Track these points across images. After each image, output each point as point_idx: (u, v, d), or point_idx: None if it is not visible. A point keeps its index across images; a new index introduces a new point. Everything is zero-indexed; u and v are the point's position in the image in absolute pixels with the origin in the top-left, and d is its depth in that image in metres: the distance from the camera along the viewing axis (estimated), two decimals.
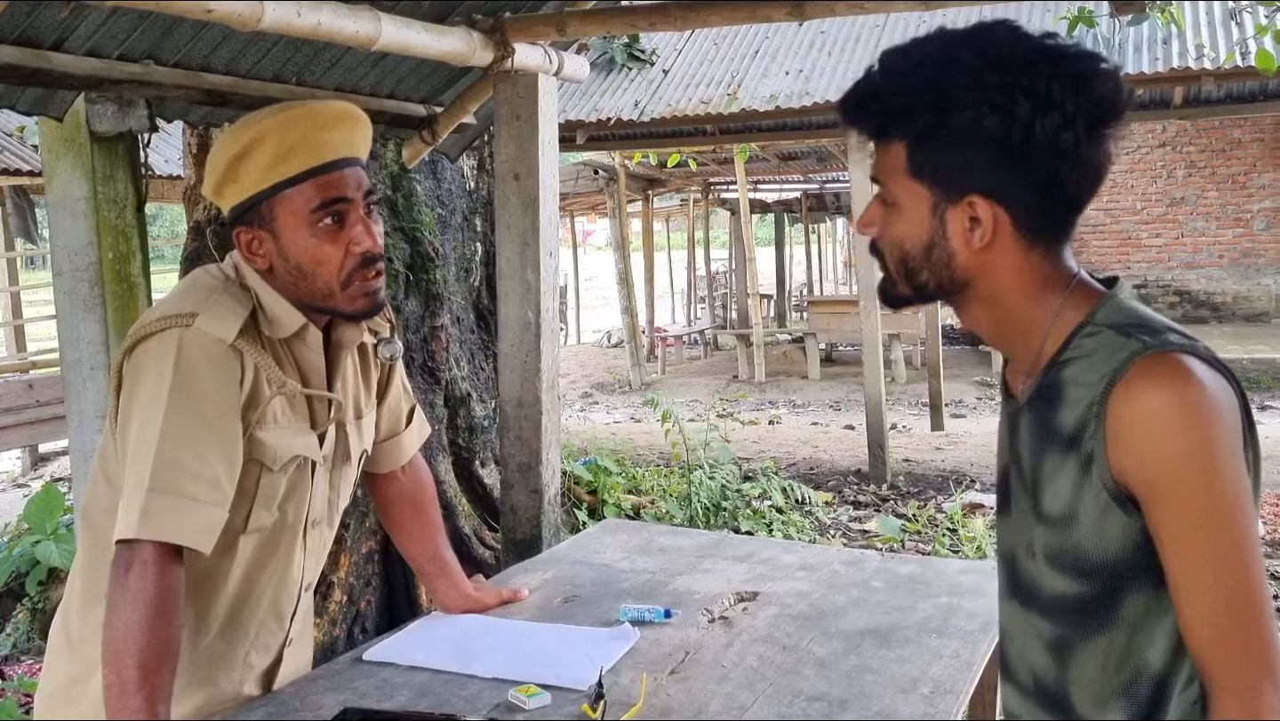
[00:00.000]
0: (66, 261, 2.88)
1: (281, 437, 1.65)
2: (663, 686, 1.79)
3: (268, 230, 1.61)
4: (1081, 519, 1.11)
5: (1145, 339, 1.09)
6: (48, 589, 4.93)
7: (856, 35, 8.76)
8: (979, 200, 1.13)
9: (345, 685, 1.81)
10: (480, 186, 4.99)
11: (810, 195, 16.99)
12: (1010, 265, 1.16)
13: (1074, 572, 1.13)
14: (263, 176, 1.58)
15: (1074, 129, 1.09)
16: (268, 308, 1.64)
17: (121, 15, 2.35)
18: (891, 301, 1.25)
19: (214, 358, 1.56)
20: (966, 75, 1.10)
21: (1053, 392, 1.15)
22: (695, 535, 2.89)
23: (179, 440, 1.51)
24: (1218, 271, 14.23)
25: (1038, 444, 1.17)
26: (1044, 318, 1.17)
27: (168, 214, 26.30)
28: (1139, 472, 1.06)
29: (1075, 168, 1.11)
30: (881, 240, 1.21)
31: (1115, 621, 1.12)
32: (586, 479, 6.12)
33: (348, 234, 1.61)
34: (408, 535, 2.11)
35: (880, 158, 1.18)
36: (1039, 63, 1.10)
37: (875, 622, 2.07)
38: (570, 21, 2.88)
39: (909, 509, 6.64)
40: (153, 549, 1.48)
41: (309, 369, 1.70)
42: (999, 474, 1.28)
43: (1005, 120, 1.08)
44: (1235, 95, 8.23)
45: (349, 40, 2.41)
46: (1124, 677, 1.13)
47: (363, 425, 1.84)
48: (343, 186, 1.61)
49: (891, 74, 1.15)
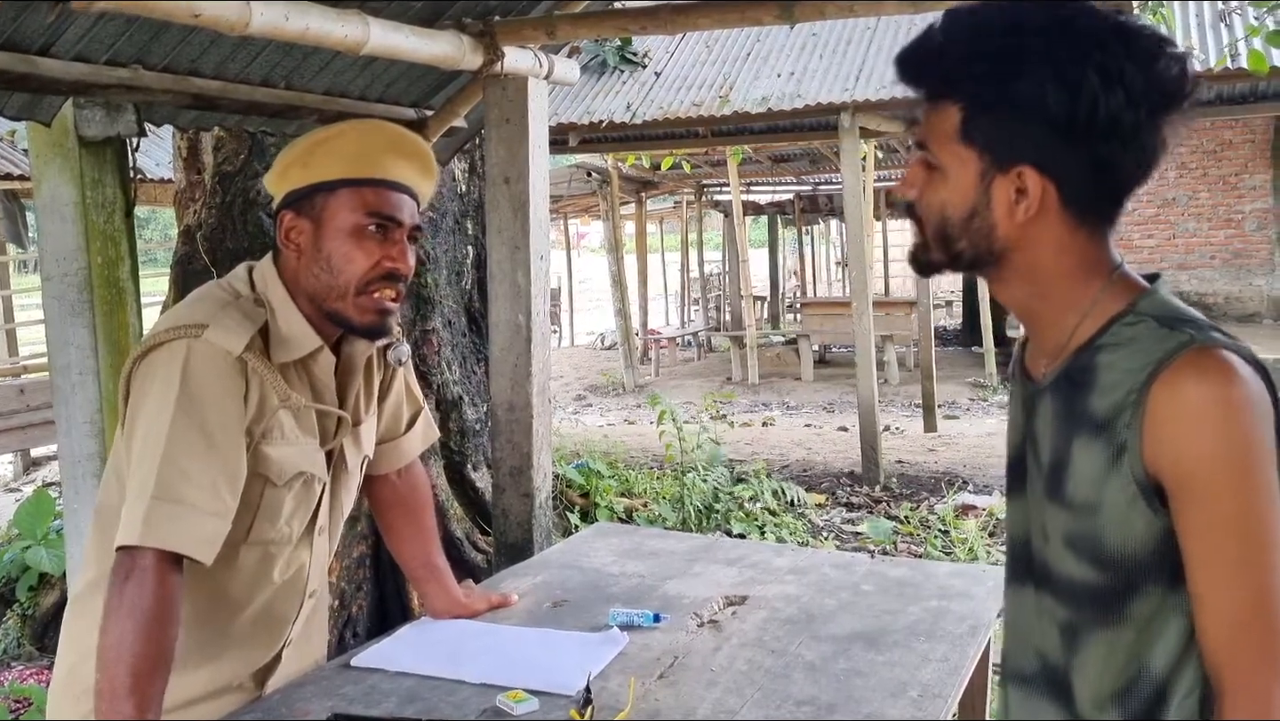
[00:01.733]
0: (55, 266, 2.87)
1: (287, 453, 1.66)
2: (651, 691, 1.79)
3: (312, 220, 1.66)
4: (1106, 507, 1.09)
5: (1192, 332, 1.07)
6: (38, 594, 4.92)
7: (848, 37, 8.77)
8: (1029, 171, 1.10)
9: (333, 690, 1.81)
10: (471, 190, 4.99)
11: (803, 197, 17.01)
12: (1053, 242, 1.13)
13: (1090, 560, 1.11)
14: (333, 168, 1.65)
15: (1138, 111, 1.07)
16: (282, 326, 1.66)
17: (109, 20, 2.35)
18: (923, 268, 1.22)
19: (221, 369, 1.57)
20: (1037, 44, 1.07)
21: (1084, 376, 1.12)
22: (686, 538, 2.89)
23: (184, 449, 1.52)
24: (1210, 272, 14.26)
25: (1063, 426, 1.14)
26: (1082, 301, 1.14)
27: (160, 217, 26.25)
28: (1174, 466, 1.05)
29: (1132, 150, 1.09)
30: (920, 204, 1.18)
31: (1124, 617, 1.11)
32: (579, 481, 6.12)
33: (386, 248, 1.66)
34: (400, 538, 2.11)
35: (930, 120, 1.15)
36: (1112, 39, 1.07)
37: (865, 626, 2.07)
38: (560, 25, 2.88)
39: (902, 510, 6.65)
40: (153, 556, 1.49)
41: (321, 386, 1.72)
42: (1011, 455, 1.26)
43: (1071, 93, 1.06)
44: (1226, 97, 8.26)
45: (337, 44, 2.40)
46: (1126, 677, 1.11)
47: (362, 432, 1.85)
48: (399, 208, 1.68)
49: (958, 34, 1.12)
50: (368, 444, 1.88)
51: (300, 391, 1.68)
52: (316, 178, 1.65)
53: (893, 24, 8.64)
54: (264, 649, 1.79)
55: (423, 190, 1.74)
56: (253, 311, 1.65)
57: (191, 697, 1.71)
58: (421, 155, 1.74)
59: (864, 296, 8.00)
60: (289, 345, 1.66)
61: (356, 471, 1.85)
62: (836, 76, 8.29)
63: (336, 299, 1.66)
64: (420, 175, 1.73)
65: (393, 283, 1.67)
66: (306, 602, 1.82)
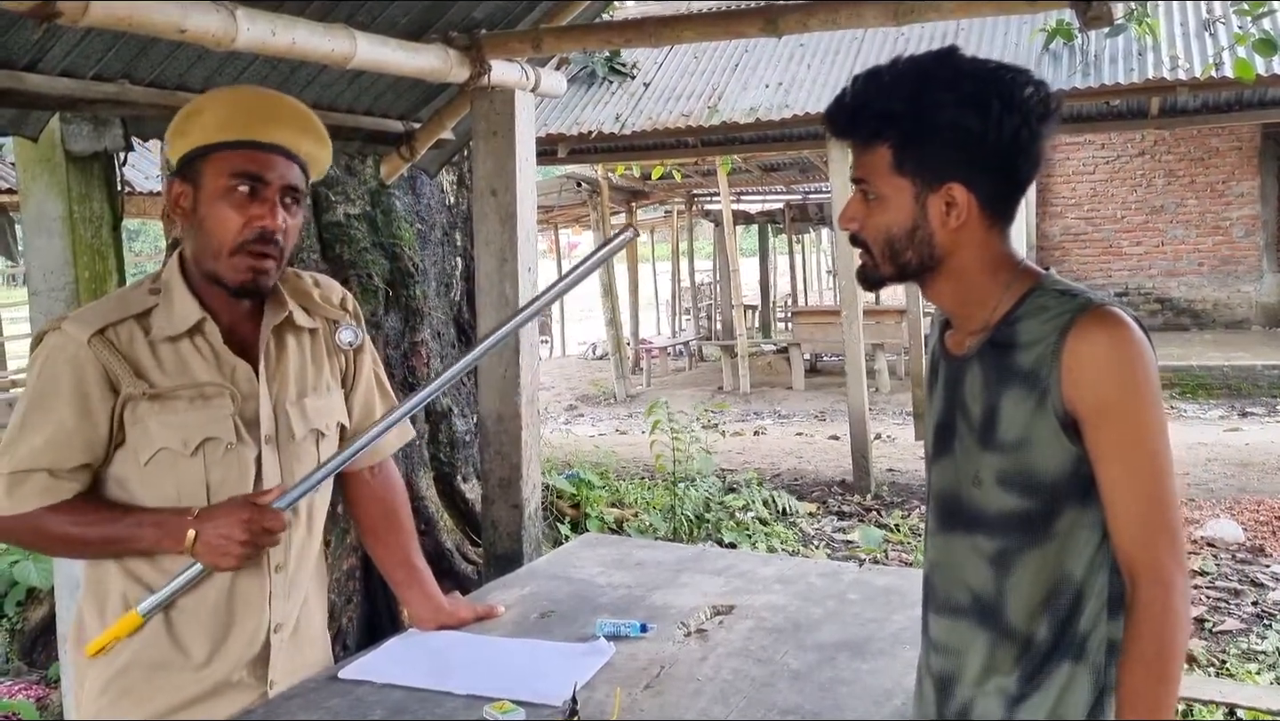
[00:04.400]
0: (43, 281, 2.87)
1: (178, 420, 1.71)
2: (637, 701, 1.80)
3: (193, 185, 1.73)
4: (1035, 443, 1.34)
5: (1091, 297, 1.34)
6: (26, 609, 4.90)
7: (835, 48, 8.82)
8: (957, 186, 1.35)
9: (319, 703, 1.81)
10: (460, 201, 4.99)
11: (793, 206, 17.04)
12: (977, 242, 1.38)
13: (1022, 490, 1.36)
14: (203, 134, 1.71)
15: (1029, 126, 1.33)
16: (175, 304, 1.75)
17: (96, 36, 2.36)
18: (872, 283, 1.46)
19: (70, 355, 1.68)
20: (945, 84, 1.34)
21: (1008, 340, 1.37)
22: (673, 549, 2.90)
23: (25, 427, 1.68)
24: (1198, 279, 14.32)
25: (995, 383, 1.38)
26: (997, 288, 1.40)
27: (150, 230, 26.21)
28: (1090, 399, 1.30)
29: (1027, 158, 1.36)
30: (864, 231, 1.42)
31: (1050, 534, 1.35)
32: (569, 492, 6.12)
33: (255, 206, 1.71)
34: (377, 539, 2.11)
35: (865, 160, 1.39)
36: (998, 74, 1.35)
37: (850, 635, 2.08)
38: (545, 38, 2.89)
39: (892, 518, 6.66)
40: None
41: (219, 355, 1.76)
42: (937, 423, 1.48)
43: (982, 118, 1.31)
44: (1211, 105, 8.31)
45: (324, 59, 2.41)
46: (1053, 583, 1.36)
47: (308, 406, 1.85)
48: (266, 166, 1.72)
49: (876, 88, 1.37)
50: (318, 419, 1.87)
51: (195, 361, 1.74)
52: (193, 144, 1.72)
53: (879, 35, 8.69)
54: (245, 635, 1.78)
55: (305, 150, 1.77)
56: (138, 299, 1.75)
57: (190, 697, 1.73)
58: (299, 117, 1.78)
59: (854, 305, 8.02)
60: (174, 320, 1.74)
61: (308, 446, 1.85)
62: (824, 86, 8.33)
63: (212, 259, 1.73)
64: (298, 136, 1.76)
65: (265, 243, 1.72)
66: (275, 577, 1.80)
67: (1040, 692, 1.37)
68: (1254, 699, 3.72)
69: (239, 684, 1.78)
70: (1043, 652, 1.37)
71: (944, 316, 1.52)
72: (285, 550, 1.83)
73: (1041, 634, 1.37)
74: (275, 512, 1.72)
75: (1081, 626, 1.36)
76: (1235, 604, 5.02)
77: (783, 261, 21.05)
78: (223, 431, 1.74)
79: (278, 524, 1.72)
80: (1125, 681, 1.29)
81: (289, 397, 1.83)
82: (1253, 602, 5.03)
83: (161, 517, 1.70)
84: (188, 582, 1.71)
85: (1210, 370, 11.01)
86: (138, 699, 1.73)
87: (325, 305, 1.92)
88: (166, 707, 1.73)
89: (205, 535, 1.67)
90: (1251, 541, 5.94)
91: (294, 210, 1.76)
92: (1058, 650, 1.36)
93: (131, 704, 1.73)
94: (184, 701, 1.74)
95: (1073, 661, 1.36)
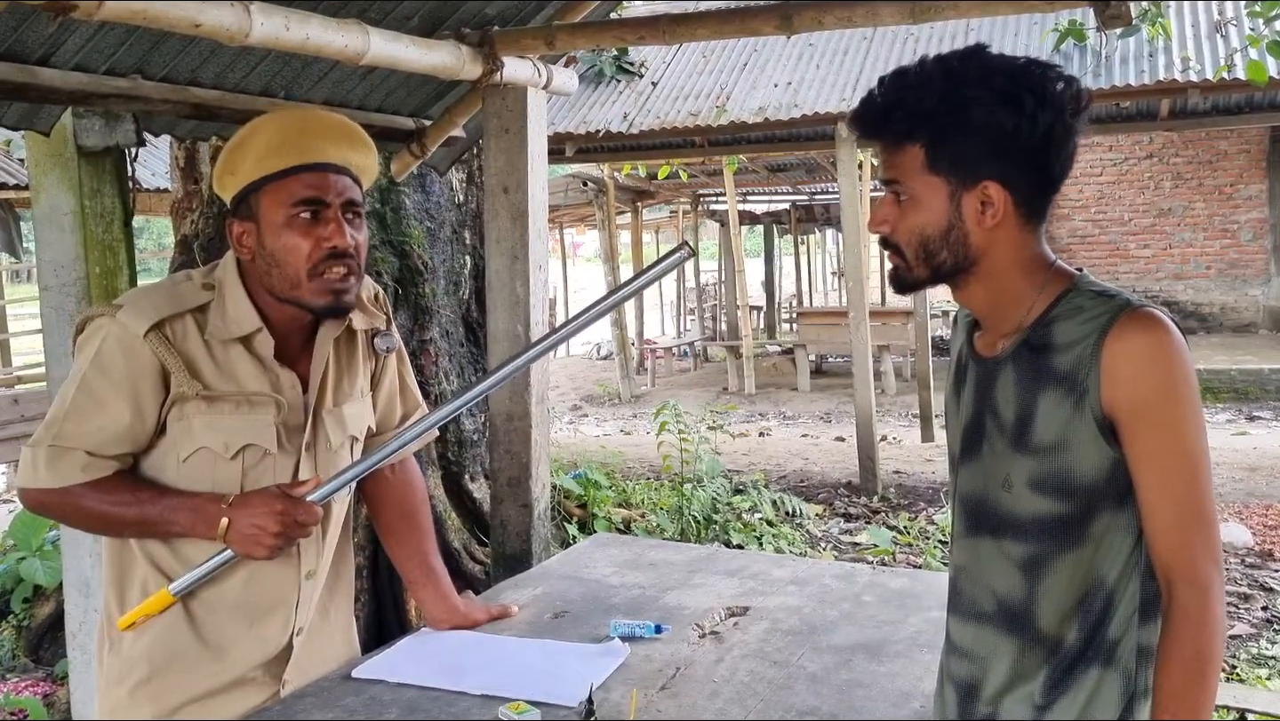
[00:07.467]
0: (53, 276, 2.86)
1: (222, 424, 1.70)
2: (654, 702, 1.79)
3: (254, 221, 1.71)
4: (1072, 445, 1.31)
5: (1129, 299, 1.32)
6: (33, 606, 4.89)
7: (845, 47, 8.79)
8: (991, 184, 1.33)
9: (334, 702, 1.80)
10: (469, 200, 4.98)
11: (799, 206, 17.00)
12: (1012, 241, 1.36)
13: (1057, 494, 1.33)
14: (254, 168, 1.69)
15: (1063, 121, 1.31)
16: (229, 306, 1.73)
17: (109, 30, 2.34)
18: (906, 286, 1.43)
19: (125, 346, 1.66)
20: (977, 80, 1.32)
21: (1044, 342, 1.34)
22: (686, 549, 2.88)
23: (74, 411, 1.67)
24: (1205, 282, 14.29)
25: (1030, 386, 1.35)
26: (1031, 289, 1.37)
27: (154, 226, 26.21)
28: (1129, 401, 1.28)
29: (1061, 154, 1.33)
30: (896, 233, 1.39)
31: (1085, 538, 1.33)
32: (576, 492, 6.10)
33: (320, 228, 1.69)
34: (395, 538, 2.10)
35: (896, 161, 1.37)
36: (1029, 69, 1.33)
37: (866, 637, 2.06)
38: (558, 35, 2.88)
39: (900, 520, 6.64)
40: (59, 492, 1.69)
41: (266, 364, 1.75)
42: (965, 426, 1.45)
43: (1016, 113, 1.29)
44: (1221, 107, 8.28)
45: (337, 54, 2.40)
46: (1086, 588, 1.33)
47: (345, 413, 1.86)
48: (323, 188, 1.70)
49: (907, 87, 1.35)
50: (354, 426, 1.88)
51: (243, 366, 1.73)
52: (243, 182, 1.71)
53: (889, 34, 8.67)
54: (268, 636, 1.78)
55: (353, 161, 1.76)
56: (191, 294, 1.73)
57: (198, 693, 1.73)
58: (341, 129, 1.76)
59: (860, 306, 8.00)
60: (229, 324, 1.73)
61: (344, 452, 1.86)
62: (833, 86, 8.31)
63: (291, 288, 1.72)
64: (345, 149, 1.75)
65: (340, 259, 1.71)
66: (305, 584, 1.82)
67: (1067, 697, 1.35)
68: (1268, 704, 3.69)
69: (253, 681, 1.78)
70: (1071, 657, 1.35)
71: (970, 318, 1.49)
72: (316, 556, 1.83)
73: (1071, 639, 1.35)
74: (309, 505, 1.72)
75: (1112, 631, 1.34)
76: (1245, 609, 5.00)
77: (788, 262, 21.04)
78: (264, 439, 1.74)
79: (311, 517, 1.71)
80: (1163, 684, 1.27)
81: (327, 405, 1.83)
82: (1262, 607, 5.01)
83: (197, 503, 1.69)
84: (219, 566, 1.71)
85: (1217, 374, 10.97)
86: (154, 691, 1.73)
87: (369, 306, 1.93)
88: (181, 701, 1.73)
89: (238, 524, 1.67)
90: (1261, 546, 5.91)
91: (358, 224, 1.75)
92: (1086, 655, 1.34)
93: (148, 695, 1.73)
94: (199, 695, 1.74)
95: (1102, 666, 1.34)
